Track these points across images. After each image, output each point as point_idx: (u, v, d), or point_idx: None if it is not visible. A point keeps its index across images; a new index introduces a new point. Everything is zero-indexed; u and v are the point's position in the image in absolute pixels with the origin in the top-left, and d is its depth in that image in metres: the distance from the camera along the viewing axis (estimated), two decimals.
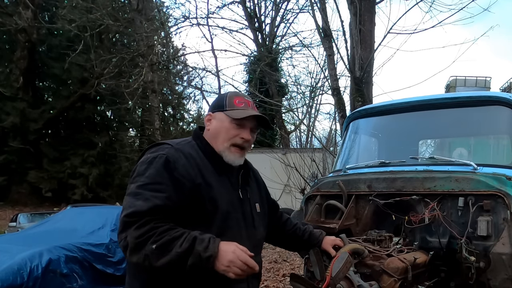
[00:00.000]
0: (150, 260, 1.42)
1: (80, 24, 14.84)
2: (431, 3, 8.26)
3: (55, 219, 6.79)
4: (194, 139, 1.74)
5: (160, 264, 1.42)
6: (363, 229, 2.61)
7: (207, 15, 15.29)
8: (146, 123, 21.65)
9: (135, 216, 1.45)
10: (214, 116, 1.73)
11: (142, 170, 1.56)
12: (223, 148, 1.68)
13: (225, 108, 1.70)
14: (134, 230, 1.43)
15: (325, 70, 12.93)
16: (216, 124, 1.71)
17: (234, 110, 1.69)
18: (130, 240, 1.43)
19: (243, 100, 1.74)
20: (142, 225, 1.43)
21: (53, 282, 4.66)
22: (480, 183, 2.31)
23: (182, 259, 1.41)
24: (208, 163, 1.66)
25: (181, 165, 1.57)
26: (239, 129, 1.69)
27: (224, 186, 1.67)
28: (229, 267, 1.42)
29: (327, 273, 1.71)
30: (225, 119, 1.69)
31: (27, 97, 22.57)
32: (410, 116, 3.23)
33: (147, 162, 1.57)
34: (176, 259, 1.41)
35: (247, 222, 1.72)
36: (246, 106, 1.72)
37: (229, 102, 1.72)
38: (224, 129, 1.69)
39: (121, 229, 1.47)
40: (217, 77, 15.37)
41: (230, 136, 1.68)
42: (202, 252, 1.41)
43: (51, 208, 18.87)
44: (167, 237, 1.42)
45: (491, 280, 2.26)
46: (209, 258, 1.41)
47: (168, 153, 1.58)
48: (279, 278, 6.69)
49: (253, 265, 1.45)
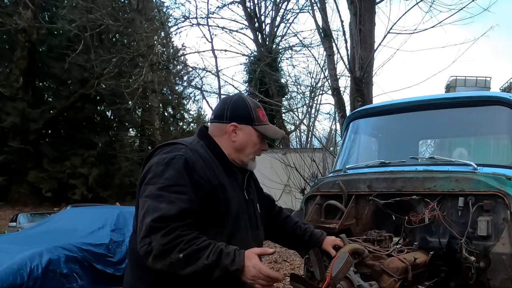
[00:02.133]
0: (176, 268, 1.41)
1: (80, 24, 14.84)
2: (431, 3, 8.27)
3: (55, 219, 6.78)
4: (201, 138, 1.72)
5: (185, 273, 1.42)
6: (363, 229, 2.61)
7: (207, 15, 15.31)
8: (146, 123, 21.67)
9: (162, 221, 1.42)
10: (241, 128, 1.72)
11: (160, 171, 1.52)
12: (248, 160, 1.75)
13: (254, 122, 1.73)
14: (161, 237, 1.40)
15: (325, 70, 12.91)
16: (244, 137, 1.72)
17: (263, 126, 1.75)
18: (156, 246, 1.40)
19: (264, 113, 1.80)
20: (169, 232, 1.41)
21: (53, 282, 4.66)
22: (480, 183, 2.31)
23: (208, 270, 1.42)
24: (218, 164, 1.66)
25: (199, 167, 1.56)
26: (262, 141, 1.78)
27: (234, 187, 1.68)
28: (254, 280, 1.45)
29: (327, 273, 1.71)
30: (254, 133, 1.73)
31: (27, 97, 22.54)
32: (410, 116, 3.23)
33: (164, 163, 1.53)
34: (202, 270, 1.41)
35: (252, 223, 1.73)
36: (267, 120, 1.80)
37: (256, 116, 1.74)
38: (252, 143, 1.74)
39: (146, 234, 1.43)
40: (217, 77, 15.38)
41: (256, 149, 1.76)
42: (229, 266, 1.42)
43: (51, 208, 18.85)
44: (193, 247, 1.41)
45: (491, 280, 2.26)
46: (236, 272, 1.43)
47: (186, 154, 1.56)
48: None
49: (276, 277, 1.47)
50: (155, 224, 1.42)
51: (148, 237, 1.42)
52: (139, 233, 1.46)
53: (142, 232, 1.44)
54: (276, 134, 1.82)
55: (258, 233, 1.78)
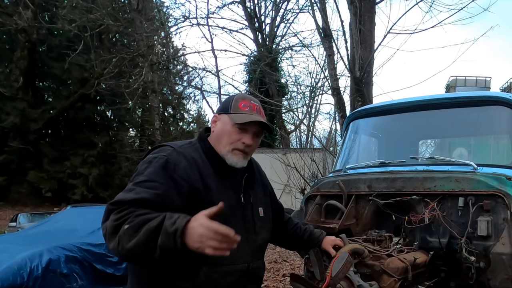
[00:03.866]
0: (123, 242, 1.32)
1: (80, 24, 14.82)
2: (431, 3, 8.27)
3: (55, 219, 6.79)
4: (199, 141, 1.72)
5: (130, 247, 1.30)
6: (363, 229, 2.61)
7: (207, 15, 15.32)
8: (146, 123, 21.66)
9: (117, 204, 1.43)
10: (219, 118, 1.71)
11: (142, 169, 1.56)
12: (225, 152, 1.66)
13: (229, 110, 1.68)
14: (113, 215, 1.40)
15: (325, 70, 12.94)
16: (220, 126, 1.69)
17: (237, 114, 1.66)
18: (109, 224, 1.39)
19: (248, 104, 1.71)
20: (121, 211, 1.40)
21: (53, 282, 4.66)
22: (480, 183, 2.31)
23: (151, 238, 1.29)
24: (210, 166, 1.64)
25: (181, 168, 1.56)
26: (241, 133, 1.66)
27: (225, 190, 1.65)
28: (202, 242, 1.25)
29: (327, 273, 1.71)
30: (228, 122, 1.67)
31: (27, 97, 22.55)
32: (410, 116, 3.23)
33: (147, 162, 1.58)
34: (145, 239, 1.29)
35: (247, 227, 1.69)
36: (250, 110, 1.69)
37: (235, 105, 1.69)
38: (226, 132, 1.66)
39: (104, 218, 1.43)
40: (217, 77, 15.38)
41: (232, 140, 1.66)
42: (169, 227, 1.27)
43: (51, 208, 18.86)
44: (141, 218, 1.35)
45: (491, 280, 2.26)
46: (175, 232, 1.26)
47: (170, 155, 1.58)
48: (279, 278, 6.69)
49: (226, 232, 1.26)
50: (110, 207, 1.43)
51: (105, 221, 1.42)
52: None
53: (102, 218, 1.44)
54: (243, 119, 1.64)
55: (255, 237, 1.73)
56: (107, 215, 1.43)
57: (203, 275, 1.54)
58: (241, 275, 1.65)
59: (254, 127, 1.68)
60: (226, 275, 1.59)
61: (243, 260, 1.65)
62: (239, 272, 1.64)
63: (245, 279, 1.67)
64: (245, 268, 1.65)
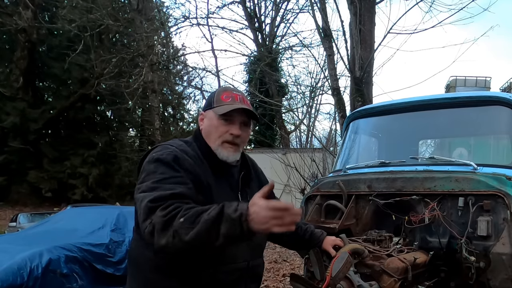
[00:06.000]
0: (180, 235, 1.31)
1: (80, 24, 14.83)
2: (431, 3, 8.26)
3: (55, 219, 6.79)
4: (194, 140, 1.71)
5: (190, 238, 1.29)
6: (363, 229, 2.61)
7: (207, 15, 15.29)
8: (146, 123, 21.68)
9: (158, 200, 1.39)
10: (205, 114, 1.71)
11: (152, 168, 1.52)
12: (216, 146, 1.65)
13: (213, 105, 1.68)
14: (159, 211, 1.36)
15: (325, 70, 12.93)
16: (207, 122, 1.69)
17: (220, 106, 1.65)
18: (157, 220, 1.35)
19: (230, 95, 1.69)
20: (167, 206, 1.37)
21: (53, 282, 4.66)
22: (480, 183, 2.31)
23: (212, 228, 1.29)
24: (207, 165, 1.63)
25: (188, 163, 1.55)
26: (228, 125, 1.65)
27: (223, 189, 1.64)
28: (267, 222, 1.25)
29: (327, 273, 1.71)
30: (213, 116, 1.66)
31: (27, 97, 22.56)
32: (410, 116, 3.23)
33: (153, 160, 1.54)
34: (206, 228, 1.28)
35: None
36: (233, 101, 1.67)
37: (217, 98, 1.68)
38: (213, 127, 1.66)
39: (146, 216, 1.39)
40: (217, 77, 15.34)
41: (220, 133, 1.65)
42: (232, 213, 1.27)
43: (51, 208, 18.84)
44: (194, 210, 1.34)
45: (491, 280, 2.26)
46: (240, 217, 1.26)
47: (175, 151, 1.57)
48: (279, 278, 6.69)
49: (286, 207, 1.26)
50: (152, 204, 1.39)
51: (148, 218, 1.38)
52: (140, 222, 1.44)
53: (141, 216, 1.41)
54: (226, 110, 1.62)
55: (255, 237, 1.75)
56: (147, 213, 1.39)
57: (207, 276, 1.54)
58: (242, 274, 1.65)
59: (239, 117, 1.67)
60: (228, 274, 1.59)
61: (243, 259, 1.64)
62: (240, 271, 1.63)
63: (245, 277, 1.67)
64: (245, 267, 1.65)
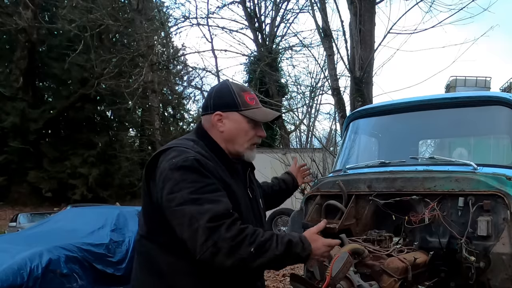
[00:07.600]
0: (247, 262, 1.42)
1: (80, 24, 14.84)
2: (431, 3, 8.25)
3: (55, 219, 6.78)
4: (201, 139, 1.62)
5: (256, 266, 1.45)
6: (363, 229, 2.61)
7: (207, 15, 15.28)
8: (146, 123, 21.68)
9: (216, 219, 1.38)
10: (227, 116, 1.61)
11: (179, 176, 1.43)
12: (244, 149, 1.64)
13: (239, 107, 1.61)
14: (224, 233, 1.37)
15: (325, 70, 12.94)
16: (231, 125, 1.61)
17: (251, 110, 1.62)
18: (223, 245, 1.36)
19: (252, 96, 1.66)
20: (229, 228, 1.38)
21: (53, 282, 4.66)
22: (480, 183, 2.31)
23: (280, 261, 1.49)
24: (221, 165, 1.58)
25: (210, 166, 1.50)
26: (256, 128, 1.65)
27: (239, 188, 1.62)
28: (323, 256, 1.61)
29: (327, 273, 1.71)
30: (242, 120, 1.61)
31: (27, 97, 22.57)
32: (410, 116, 3.23)
33: (177, 168, 1.44)
34: (274, 261, 1.47)
35: (257, 221, 1.68)
36: (257, 103, 1.66)
37: (242, 100, 1.62)
38: (242, 131, 1.62)
39: (207, 237, 1.36)
40: (217, 77, 15.34)
41: (250, 136, 1.64)
42: (301, 252, 1.51)
43: (51, 208, 18.86)
44: (260, 239, 1.44)
45: (491, 280, 2.26)
46: (308, 256, 1.53)
47: (196, 156, 1.49)
48: (279, 278, 6.69)
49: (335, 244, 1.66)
50: (212, 225, 1.37)
51: (210, 239, 1.37)
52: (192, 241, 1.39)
53: (199, 237, 1.37)
54: (267, 116, 1.66)
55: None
56: (210, 233, 1.37)
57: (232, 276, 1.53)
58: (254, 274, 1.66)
59: None
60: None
61: None
62: None
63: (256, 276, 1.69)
64: None
